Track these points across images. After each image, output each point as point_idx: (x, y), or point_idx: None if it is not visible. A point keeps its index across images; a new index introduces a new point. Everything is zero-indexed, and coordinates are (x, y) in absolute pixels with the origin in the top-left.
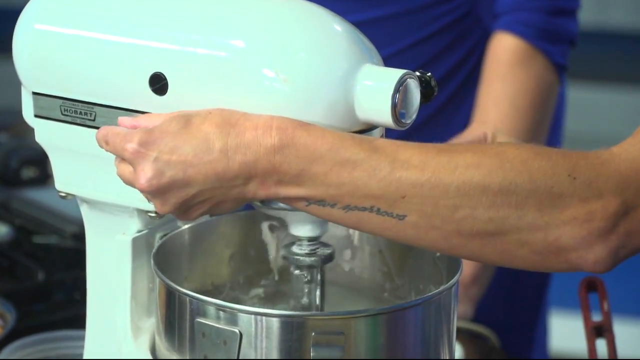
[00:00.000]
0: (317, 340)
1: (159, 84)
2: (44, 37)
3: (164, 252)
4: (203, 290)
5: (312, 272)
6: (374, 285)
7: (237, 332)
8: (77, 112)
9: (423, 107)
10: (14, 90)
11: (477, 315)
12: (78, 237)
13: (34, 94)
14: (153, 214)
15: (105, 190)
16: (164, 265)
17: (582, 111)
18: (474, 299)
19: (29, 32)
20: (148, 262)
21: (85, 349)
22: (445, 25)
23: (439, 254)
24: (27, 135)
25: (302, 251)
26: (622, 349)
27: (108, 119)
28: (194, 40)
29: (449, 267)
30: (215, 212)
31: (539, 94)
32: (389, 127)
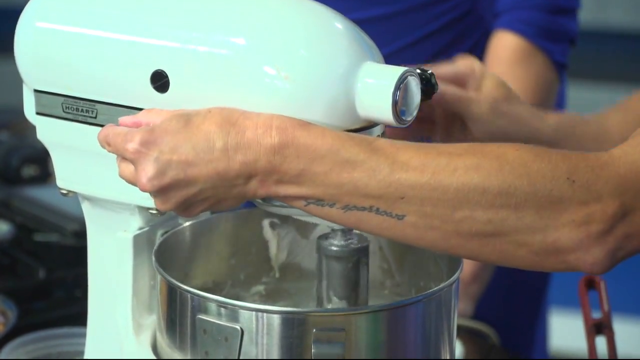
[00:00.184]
0: (318, 336)
1: (160, 81)
2: (45, 35)
3: (165, 249)
4: (204, 287)
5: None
6: (374, 282)
7: (239, 328)
8: (79, 110)
9: None
10: (14, 89)
11: (477, 313)
12: (78, 235)
13: (36, 91)
14: (154, 211)
15: (106, 187)
16: (165, 263)
17: (581, 110)
18: (474, 296)
19: (30, 30)
20: (149, 260)
21: (87, 346)
22: (446, 24)
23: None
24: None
25: (342, 242)
26: (622, 348)
27: (109, 117)
28: (195, 37)
29: (450, 264)
30: (216, 210)
31: (539, 92)
32: (390, 124)
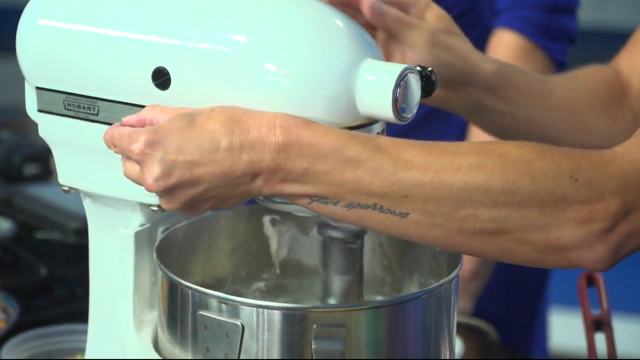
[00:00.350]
0: (318, 332)
1: (161, 78)
2: (47, 33)
3: (167, 245)
4: (205, 283)
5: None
6: (374, 279)
7: (239, 324)
8: (80, 107)
9: (422, 103)
10: (16, 88)
11: (477, 310)
12: (80, 232)
13: (38, 88)
14: (155, 207)
15: (108, 184)
16: (167, 259)
17: None
18: (473, 294)
19: (32, 27)
20: (150, 256)
21: (88, 342)
22: None
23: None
24: (29, 131)
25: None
26: (621, 346)
27: (111, 114)
28: (196, 35)
29: (450, 260)
30: (220, 207)
31: None
32: (390, 121)
